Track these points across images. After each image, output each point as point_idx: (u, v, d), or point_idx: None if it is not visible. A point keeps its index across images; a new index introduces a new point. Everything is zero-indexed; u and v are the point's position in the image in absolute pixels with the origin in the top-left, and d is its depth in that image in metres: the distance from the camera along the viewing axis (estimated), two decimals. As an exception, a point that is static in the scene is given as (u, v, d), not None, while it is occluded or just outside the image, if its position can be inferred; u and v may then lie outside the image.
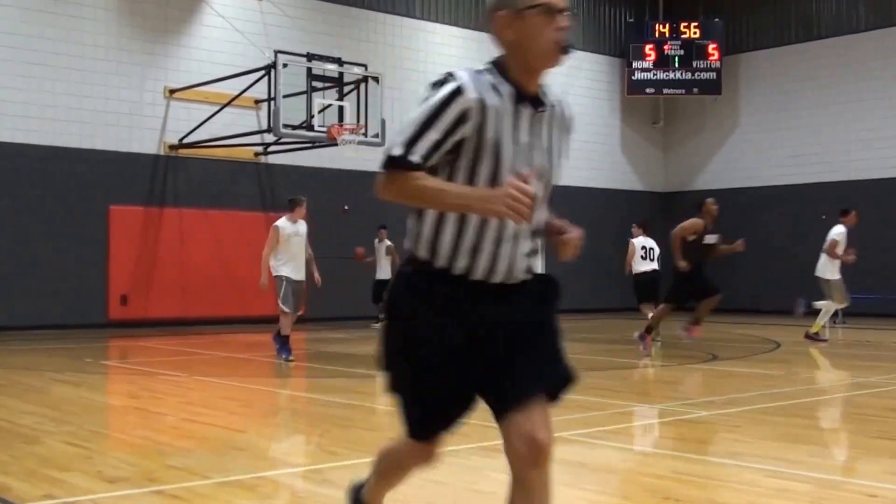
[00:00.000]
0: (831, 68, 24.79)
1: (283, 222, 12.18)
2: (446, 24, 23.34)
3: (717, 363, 12.74)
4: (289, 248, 12.12)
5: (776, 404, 8.64)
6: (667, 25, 26.49)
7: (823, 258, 15.53)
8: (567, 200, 25.25)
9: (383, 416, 8.10)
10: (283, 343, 12.25)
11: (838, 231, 15.48)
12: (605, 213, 26.02)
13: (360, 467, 5.85)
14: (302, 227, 12.28)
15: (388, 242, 18.83)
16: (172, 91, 19.05)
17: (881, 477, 5.67)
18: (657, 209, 27.63)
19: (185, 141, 18.94)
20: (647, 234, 17.05)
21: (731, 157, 26.81)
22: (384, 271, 18.74)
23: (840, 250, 15.35)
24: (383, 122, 18.02)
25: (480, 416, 7.93)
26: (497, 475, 5.79)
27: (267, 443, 6.79)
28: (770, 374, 11.37)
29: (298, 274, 12.22)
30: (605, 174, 26.57)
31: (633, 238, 16.96)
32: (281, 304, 12.11)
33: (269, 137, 18.42)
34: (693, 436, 7.07)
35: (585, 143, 26.09)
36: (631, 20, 26.91)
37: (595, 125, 26.42)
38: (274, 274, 12.16)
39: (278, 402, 9.36)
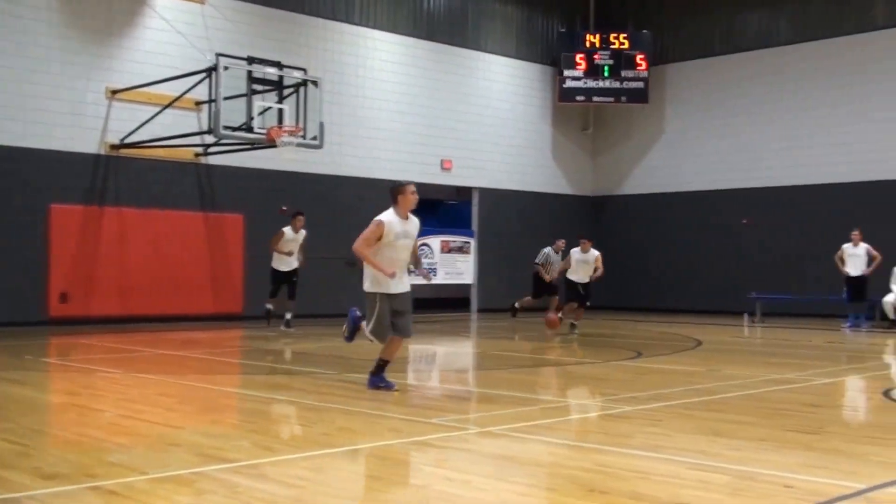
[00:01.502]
0: (753, 79, 25.43)
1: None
2: (385, 30, 23.50)
3: (641, 360, 13.10)
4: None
5: (697, 399, 8.89)
6: (597, 36, 27.00)
7: None
8: (499, 203, 25.73)
9: (319, 412, 8.25)
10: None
11: None
12: (536, 216, 26.40)
13: (296, 462, 6.02)
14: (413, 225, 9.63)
15: (305, 233, 17.70)
16: (114, 91, 18.96)
17: (796, 468, 5.90)
18: (585, 213, 28.08)
19: (126, 141, 18.87)
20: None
21: (657, 163, 27.36)
22: (292, 262, 17.64)
23: None
24: (321, 125, 18.14)
25: (412, 411, 8.18)
26: (430, 469, 5.98)
27: (204, 439, 6.81)
28: (692, 371, 11.68)
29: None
30: (536, 178, 26.97)
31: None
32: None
33: (210, 139, 18.44)
34: (617, 430, 7.27)
35: (517, 148, 26.49)
36: (563, 30, 27.36)
37: (527, 131, 26.81)
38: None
39: (215, 399, 9.33)
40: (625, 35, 26.90)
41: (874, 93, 23.36)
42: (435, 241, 24.73)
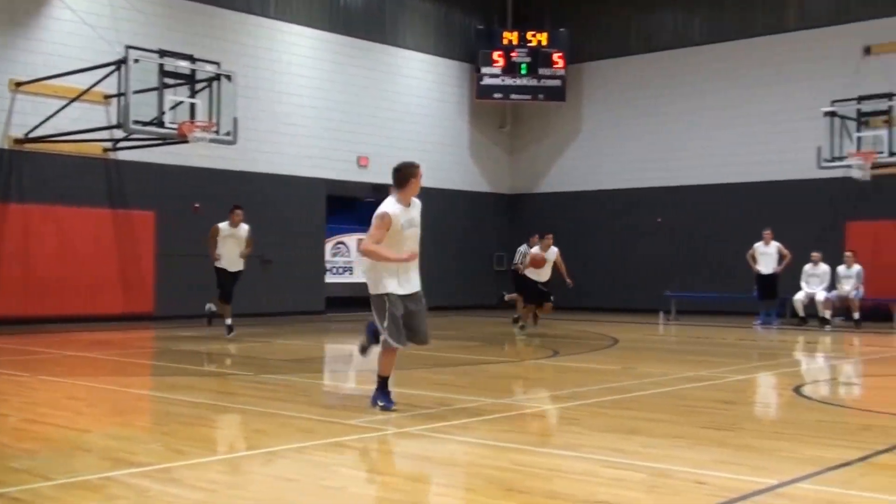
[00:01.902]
0: (669, 79, 25.79)
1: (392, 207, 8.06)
2: (301, 24, 23.27)
3: (558, 359, 13.15)
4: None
5: (613, 398, 8.96)
6: (515, 34, 27.11)
7: None
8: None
9: (230, 413, 8.10)
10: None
11: None
12: (453, 214, 26.41)
13: (209, 466, 5.89)
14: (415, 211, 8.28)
15: (247, 226, 16.21)
16: (18, 84, 18.42)
17: (709, 465, 5.96)
18: (503, 211, 28.19)
19: (31, 135, 18.36)
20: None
21: (574, 161, 27.58)
22: (236, 261, 16.13)
23: None
24: (235, 121, 17.90)
25: (329, 413, 8.06)
26: (346, 470, 5.90)
27: (113, 442, 6.65)
28: (608, 369, 11.78)
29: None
30: (453, 176, 26.96)
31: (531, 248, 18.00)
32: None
33: (119, 133, 18.04)
34: (535, 429, 7.28)
35: (435, 146, 26.46)
36: (481, 27, 27.38)
37: (444, 128, 26.81)
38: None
39: (124, 402, 9.12)
40: (542, 33, 27.05)
41: (786, 93, 23.80)
42: (351, 240, 24.61)
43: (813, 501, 5.25)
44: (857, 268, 20.26)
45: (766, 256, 20.57)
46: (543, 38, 27.03)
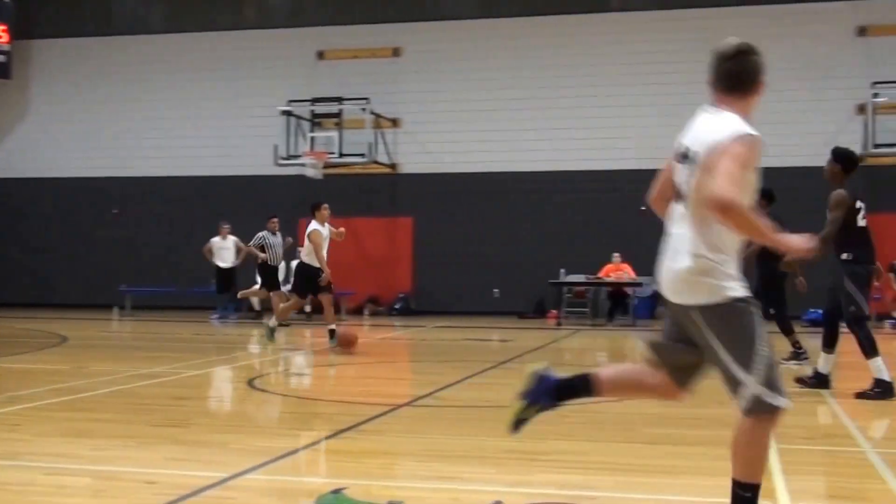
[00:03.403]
0: (127, 66, 25.28)
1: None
2: None
3: (-4, 361, 12.26)
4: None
5: (60, 399, 8.56)
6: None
7: None
8: None
9: None
10: None
11: None
12: None
13: None
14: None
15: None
16: None
17: (159, 463, 5.85)
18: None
19: None
20: None
21: (22, 145, 25.97)
22: None
23: None
24: None
25: None
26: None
27: None
28: (55, 369, 11.28)
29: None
30: None
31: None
32: None
33: None
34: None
35: None
36: None
37: None
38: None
39: None
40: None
41: (246, 90, 24.22)
42: None
43: (263, 491, 5.35)
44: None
45: (225, 251, 20.89)
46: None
